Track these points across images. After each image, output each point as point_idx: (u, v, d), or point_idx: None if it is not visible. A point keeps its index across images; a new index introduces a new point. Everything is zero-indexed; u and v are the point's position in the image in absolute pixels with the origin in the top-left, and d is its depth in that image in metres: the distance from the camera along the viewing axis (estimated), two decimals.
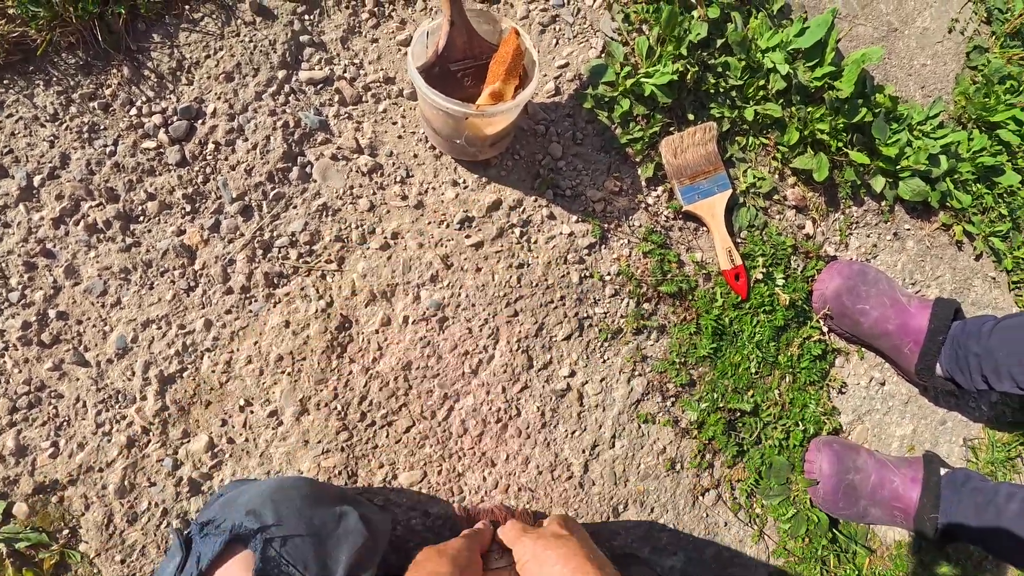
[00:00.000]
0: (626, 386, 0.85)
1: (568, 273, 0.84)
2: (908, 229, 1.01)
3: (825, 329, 0.95)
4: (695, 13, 0.87)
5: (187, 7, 0.76)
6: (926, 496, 0.84)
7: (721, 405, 0.87)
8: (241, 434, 0.74)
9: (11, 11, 0.69)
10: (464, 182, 0.82)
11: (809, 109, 0.90)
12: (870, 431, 0.97)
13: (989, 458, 1.02)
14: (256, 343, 0.75)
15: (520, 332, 0.81)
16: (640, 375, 0.85)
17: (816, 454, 0.89)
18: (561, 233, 0.84)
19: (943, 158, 0.95)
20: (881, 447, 0.97)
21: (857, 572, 0.92)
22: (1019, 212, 1.04)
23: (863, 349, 0.98)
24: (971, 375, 0.84)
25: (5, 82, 0.71)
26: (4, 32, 0.69)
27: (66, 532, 0.69)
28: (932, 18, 1.05)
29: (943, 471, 0.88)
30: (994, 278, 1.05)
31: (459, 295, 0.80)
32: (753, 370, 0.89)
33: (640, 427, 0.85)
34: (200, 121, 0.76)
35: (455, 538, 0.64)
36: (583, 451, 0.82)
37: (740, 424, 0.88)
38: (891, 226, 1.00)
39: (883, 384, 0.98)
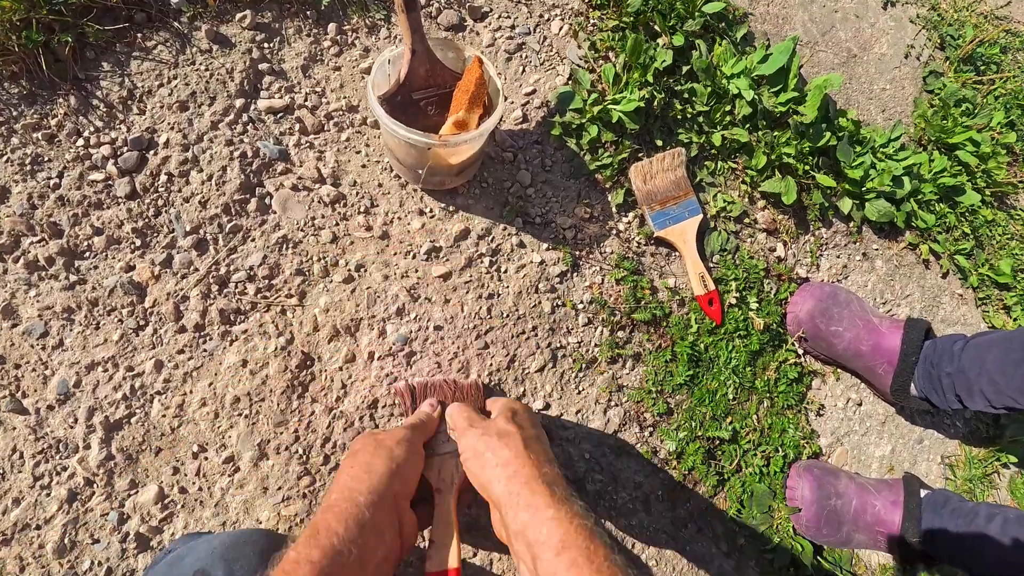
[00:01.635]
0: (603, 417, 0.82)
1: (540, 303, 0.82)
2: (876, 249, 1.02)
3: (801, 352, 0.95)
4: (660, 41, 0.88)
5: (139, 35, 0.74)
6: (907, 520, 0.83)
7: (700, 433, 0.85)
8: (194, 483, 0.69)
9: None
10: (431, 211, 0.80)
11: (775, 134, 0.91)
12: (850, 453, 0.96)
13: (967, 475, 1.02)
14: (211, 384, 0.71)
15: (491, 365, 0.79)
16: (617, 405, 0.83)
17: (797, 480, 0.87)
18: (532, 262, 0.82)
19: (906, 179, 0.97)
20: (861, 468, 0.96)
21: None
22: (981, 231, 1.06)
23: (839, 370, 0.97)
24: (944, 394, 0.84)
25: None
26: None
27: None
28: (889, 44, 1.08)
29: (923, 492, 0.87)
30: (961, 295, 1.07)
31: (427, 328, 0.77)
32: (730, 396, 0.88)
33: (618, 459, 0.82)
34: (152, 152, 0.73)
35: (397, 426, 0.61)
36: None
37: (720, 452, 0.87)
38: (860, 247, 1.01)
39: (860, 404, 0.98)
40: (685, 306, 0.88)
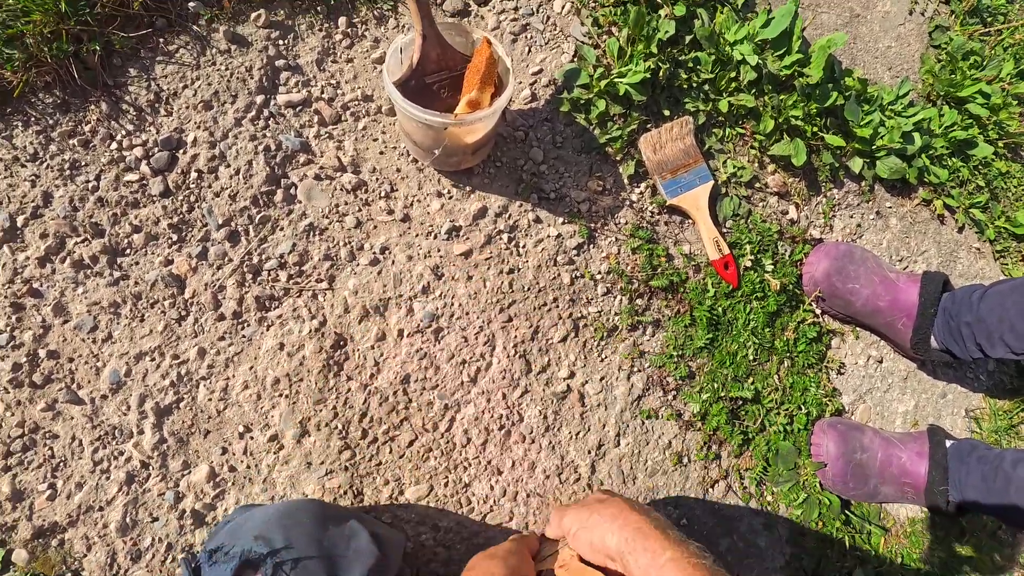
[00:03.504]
0: (626, 383, 0.85)
1: (559, 275, 0.84)
2: (890, 207, 1.02)
3: (818, 311, 0.96)
4: (662, 12, 0.89)
5: (162, 40, 0.77)
6: (934, 469, 0.84)
7: (722, 395, 0.87)
8: (242, 461, 0.73)
9: None
10: (449, 192, 0.82)
11: (781, 97, 0.92)
12: (872, 410, 0.97)
13: (992, 427, 1.02)
14: (252, 368, 0.74)
15: (516, 337, 0.81)
16: (639, 371, 0.85)
17: (821, 436, 0.89)
18: (549, 236, 0.84)
19: (916, 135, 0.97)
20: (885, 425, 0.97)
21: (874, 552, 0.91)
22: (995, 183, 1.06)
23: (858, 329, 0.98)
24: (965, 344, 0.84)
25: None
26: None
27: (69, 575, 0.68)
28: (892, 2, 1.08)
29: (948, 442, 0.88)
30: (979, 249, 1.07)
31: (452, 305, 0.80)
32: (751, 357, 0.89)
33: (644, 423, 0.84)
34: (181, 151, 0.76)
35: (504, 542, 0.63)
36: (589, 452, 0.82)
37: (743, 412, 0.88)
38: (873, 205, 1.01)
39: (881, 362, 0.99)
40: (701, 271, 0.90)
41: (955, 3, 1.10)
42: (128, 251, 0.74)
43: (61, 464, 0.69)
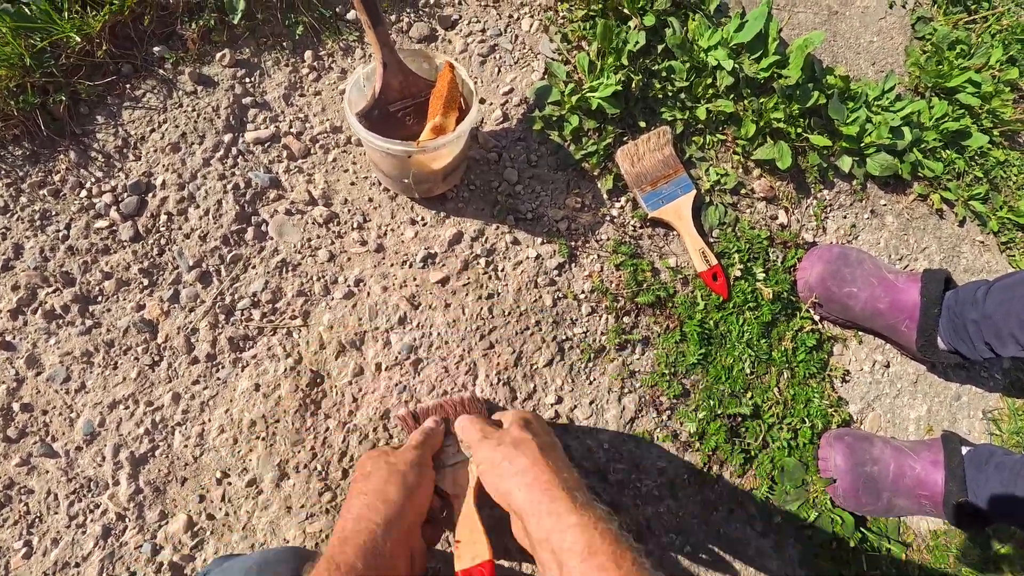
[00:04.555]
0: (617, 405, 0.81)
1: (540, 297, 0.81)
2: (884, 204, 0.98)
3: (817, 318, 0.92)
4: (631, 23, 0.88)
5: (128, 86, 0.77)
6: (951, 479, 0.79)
7: (720, 412, 0.83)
8: (220, 508, 0.71)
9: None
10: (422, 219, 0.81)
11: (762, 100, 0.90)
12: (883, 417, 0.92)
13: (1013, 428, 0.97)
14: (227, 411, 0.72)
15: (499, 364, 0.79)
16: (630, 392, 0.82)
17: (829, 450, 0.84)
18: (528, 257, 0.82)
19: (906, 129, 0.94)
20: (897, 432, 0.92)
21: (895, 570, 0.86)
22: (994, 172, 1.02)
23: (860, 333, 0.94)
24: (974, 344, 0.80)
25: None
26: None
27: None
28: None
29: (964, 449, 0.83)
30: (982, 242, 1.02)
31: (430, 335, 0.78)
32: (748, 370, 0.86)
33: (638, 447, 0.81)
34: (150, 194, 0.76)
35: (406, 446, 0.62)
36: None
37: (743, 429, 0.84)
38: (867, 204, 0.98)
39: (888, 366, 0.94)
40: (689, 284, 0.87)
41: None
42: (99, 298, 0.73)
43: (36, 520, 0.68)
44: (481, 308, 0.79)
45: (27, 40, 0.71)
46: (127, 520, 0.69)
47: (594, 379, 0.81)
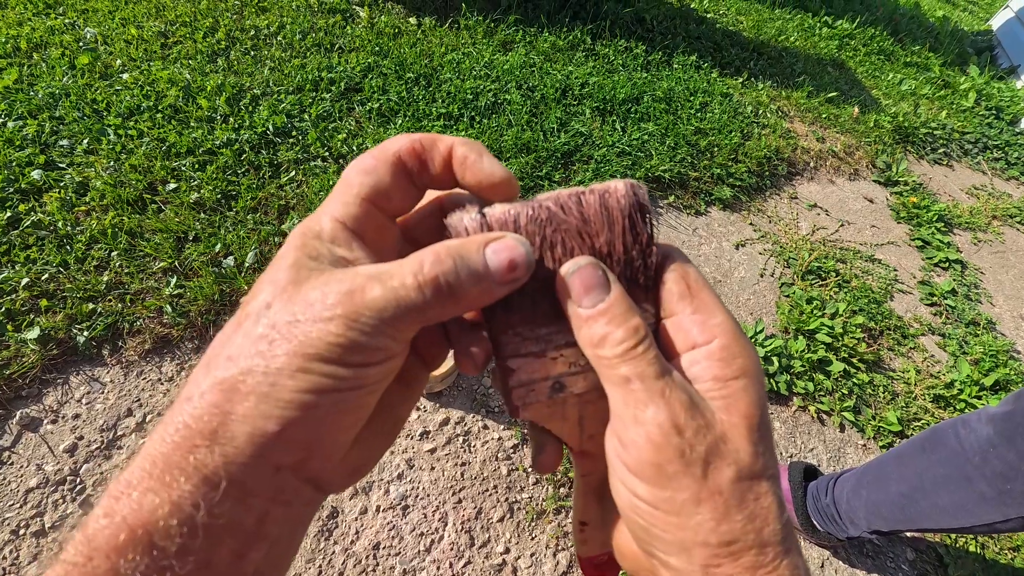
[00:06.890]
0: (552, 560, 1.05)
1: (499, 467, 1.15)
2: (771, 412, 1.30)
3: None
4: None
5: None
6: None
7: None
8: None
9: None
10: (423, 407, 1.22)
11: None
12: None
13: None
14: None
15: (464, 516, 1.08)
16: (564, 549, 1.07)
17: None
18: (493, 438, 1.18)
19: (775, 358, 1.31)
20: None
21: None
22: (858, 391, 1.33)
23: None
24: (833, 524, 1.02)
25: None
26: None
27: None
28: (746, 270, 1.56)
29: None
30: (864, 445, 1.28)
31: (418, 488, 1.11)
32: None
33: None
34: None
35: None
36: None
37: None
38: None
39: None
40: None
41: (794, 267, 1.57)
42: None
43: None
44: (456, 472, 1.13)
45: None
46: None
47: (535, 536, 1.08)
